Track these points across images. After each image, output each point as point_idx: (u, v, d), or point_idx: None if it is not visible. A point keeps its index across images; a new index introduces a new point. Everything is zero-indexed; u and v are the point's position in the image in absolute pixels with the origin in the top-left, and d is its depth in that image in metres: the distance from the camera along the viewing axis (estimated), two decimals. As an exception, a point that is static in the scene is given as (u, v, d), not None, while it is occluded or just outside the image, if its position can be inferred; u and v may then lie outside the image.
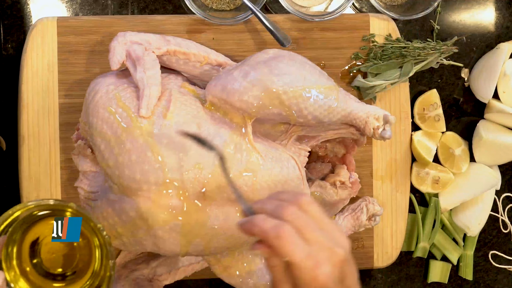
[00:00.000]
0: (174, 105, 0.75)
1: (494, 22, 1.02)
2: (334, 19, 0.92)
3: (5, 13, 0.91)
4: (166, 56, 0.81)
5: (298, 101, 0.75)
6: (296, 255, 0.55)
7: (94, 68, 0.89)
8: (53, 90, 0.88)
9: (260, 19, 0.88)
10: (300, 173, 0.80)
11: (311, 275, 0.55)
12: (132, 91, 0.77)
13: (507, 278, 1.04)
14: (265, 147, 0.78)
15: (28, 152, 0.88)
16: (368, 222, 0.90)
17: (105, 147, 0.75)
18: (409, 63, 0.92)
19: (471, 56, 1.01)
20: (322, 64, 0.94)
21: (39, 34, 0.87)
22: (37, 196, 0.87)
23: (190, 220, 0.74)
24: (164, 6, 0.94)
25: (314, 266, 0.55)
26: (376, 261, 0.96)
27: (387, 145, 0.96)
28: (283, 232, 0.55)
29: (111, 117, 0.75)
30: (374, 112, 0.81)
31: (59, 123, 0.88)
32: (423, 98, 0.98)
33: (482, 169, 0.99)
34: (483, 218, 1.00)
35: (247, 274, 0.82)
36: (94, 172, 0.82)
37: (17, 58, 0.89)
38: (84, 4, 0.93)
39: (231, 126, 0.77)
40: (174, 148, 0.73)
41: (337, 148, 0.91)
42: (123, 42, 0.79)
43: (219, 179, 0.74)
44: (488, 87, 0.97)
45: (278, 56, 0.78)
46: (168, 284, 0.88)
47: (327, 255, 0.56)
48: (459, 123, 1.02)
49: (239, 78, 0.76)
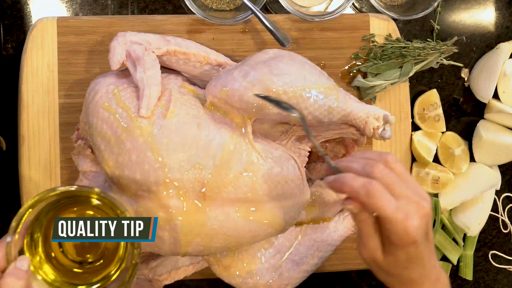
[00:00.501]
0: (174, 105, 0.75)
1: (494, 22, 1.02)
2: (334, 19, 0.92)
3: (5, 13, 0.91)
4: (166, 56, 0.81)
5: (298, 101, 0.75)
6: (387, 210, 0.59)
7: (94, 68, 0.89)
8: (53, 90, 0.88)
9: (260, 19, 0.88)
10: (300, 173, 0.80)
11: (402, 227, 0.59)
12: (132, 91, 0.77)
13: (507, 278, 1.04)
14: (265, 147, 0.78)
15: (28, 152, 0.88)
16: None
17: (105, 147, 0.75)
18: (409, 63, 0.92)
19: (471, 56, 1.01)
20: (322, 64, 0.94)
21: (39, 34, 0.87)
22: (37, 196, 0.87)
23: (190, 220, 0.74)
24: (164, 6, 0.94)
25: (404, 218, 0.59)
26: (376, 261, 0.96)
27: (387, 145, 0.96)
28: (373, 188, 0.59)
29: (111, 117, 0.75)
30: (374, 112, 0.81)
31: (59, 123, 0.88)
32: (423, 98, 0.99)
33: (482, 169, 0.99)
34: (483, 218, 1.00)
35: (247, 274, 0.82)
36: (94, 172, 0.82)
37: (17, 58, 0.89)
38: (84, 4, 0.93)
39: (231, 126, 0.77)
40: (174, 148, 0.73)
41: (337, 148, 0.91)
42: (123, 42, 0.79)
43: (219, 179, 0.74)
44: (488, 87, 0.97)
45: (278, 56, 0.78)
46: (168, 284, 0.88)
47: (415, 208, 0.60)
48: (459, 123, 1.02)
49: (239, 78, 0.76)
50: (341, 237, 0.89)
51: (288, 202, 0.79)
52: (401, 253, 0.61)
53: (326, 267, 0.95)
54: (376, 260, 0.63)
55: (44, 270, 0.67)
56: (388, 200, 0.59)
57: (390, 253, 0.62)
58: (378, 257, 0.63)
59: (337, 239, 0.88)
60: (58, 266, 0.69)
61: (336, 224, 0.89)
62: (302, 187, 0.80)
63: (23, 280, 0.60)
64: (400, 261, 0.62)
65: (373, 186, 0.59)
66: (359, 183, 0.60)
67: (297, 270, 0.84)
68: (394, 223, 0.59)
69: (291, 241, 0.84)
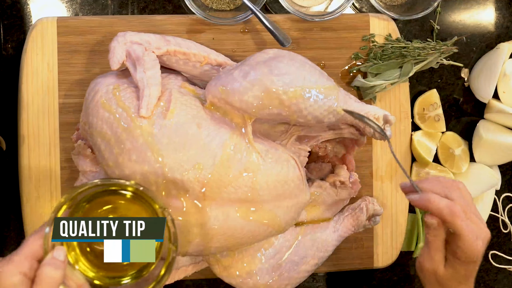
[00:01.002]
0: (174, 105, 0.75)
1: (494, 22, 1.02)
2: (334, 19, 0.92)
3: (5, 13, 0.91)
4: (166, 56, 0.81)
5: (298, 101, 0.75)
6: (465, 229, 0.69)
7: (94, 68, 0.89)
8: (53, 90, 0.88)
9: (260, 19, 0.88)
10: (300, 173, 0.80)
11: (471, 246, 0.69)
12: (132, 91, 0.77)
13: (507, 278, 1.05)
14: (265, 147, 0.78)
15: (28, 152, 0.88)
16: (368, 222, 0.90)
17: (105, 147, 0.75)
18: (409, 63, 0.92)
19: (471, 56, 1.01)
20: (322, 64, 0.94)
21: (39, 34, 0.87)
22: (37, 196, 0.88)
23: (190, 220, 0.74)
24: (164, 6, 0.94)
25: (475, 239, 0.69)
26: (376, 261, 0.96)
27: (387, 145, 0.96)
28: (456, 209, 0.69)
29: (111, 117, 0.75)
30: (374, 112, 0.81)
31: (59, 123, 0.88)
32: (423, 98, 0.98)
33: (482, 169, 0.99)
34: (483, 218, 1.00)
35: (247, 274, 0.82)
36: (94, 172, 0.81)
37: (17, 58, 0.89)
38: (84, 4, 0.93)
39: (231, 126, 0.77)
40: (174, 148, 0.73)
41: (337, 148, 0.91)
42: (123, 42, 0.79)
43: (219, 179, 0.74)
44: (488, 87, 0.97)
45: (278, 56, 0.78)
46: (168, 284, 0.88)
47: (482, 233, 0.71)
48: (459, 123, 1.02)
49: (239, 78, 0.76)
50: (341, 237, 0.89)
51: (288, 202, 0.79)
52: (462, 269, 0.71)
53: (326, 267, 0.95)
54: (437, 272, 0.73)
55: (79, 265, 0.67)
56: (465, 221, 0.69)
57: (452, 268, 0.72)
58: (440, 270, 0.73)
59: (337, 239, 0.88)
60: (93, 260, 0.69)
61: (336, 224, 0.89)
62: (302, 187, 0.80)
63: (60, 269, 0.61)
64: (458, 275, 0.72)
65: (456, 207, 0.69)
66: (444, 203, 0.70)
67: (297, 270, 0.84)
68: (466, 241, 0.69)
69: (291, 241, 0.84)
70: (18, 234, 0.91)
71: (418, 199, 0.72)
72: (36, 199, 0.87)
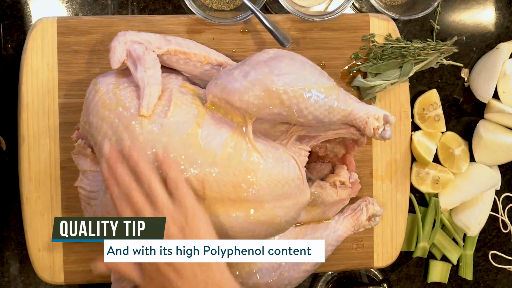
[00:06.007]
0: (174, 104, 0.75)
1: (494, 22, 1.02)
2: (334, 19, 0.92)
3: (5, 13, 0.91)
4: (167, 56, 0.81)
5: (298, 101, 0.75)
6: None
7: (94, 68, 0.89)
8: (53, 90, 0.88)
9: (260, 19, 0.88)
10: (300, 173, 0.80)
11: None
12: (132, 90, 0.77)
13: (507, 278, 1.05)
14: (266, 147, 0.78)
15: (28, 152, 0.88)
16: (368, 222, 0.90)
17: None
18: (409, 63, 0.92)
19: (471, 56, 1.02)
20: (322, 64, 0.94)
21: (39, 34, 0.87)
22: (37, 196, 0.87)
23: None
24: (164, 6, 0.94)
25: None
26: (376, 261, 0.96)
27: (387, 145, 0.96)
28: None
29: (111, 116, 0.75)
30: (374, 112, 0.81)
31: (59, 123, 0.88)
32: (423, 98, 0.99)
33: (482, 169, 0.99)
34: (483, 218, 1.00)
35: (247, 274, 0.82)
36: (94, 172, 0.81)
37: (17, 58, 0.89)
38: (84, 4, 0.93)
39: (231, 126, 0.77)
40: (174, 148, 0.73)
41: (337, 148, 0.91)
42: (124, 41, 0.79)
43: (219, 178, 0.74)
44: (488, 87, 0.97)
45: (278, 56, 0.78)
46: (168, 284, 0.88)
47: None
48: (459, 123, 1.02)
49: (239, 77, 0.76)
50: (341, 237, 0.89)
51: (288, 202, 0.79)
52: None
53: (326, 267, 0.95)
54: None
55: None
56: None
57: None
58: None
59: (337, 239, 0.88)
60: None
61: (336, 224, 0.89)
62: (302, 187, 0.80)
63: None
64: None
65: None
66: None
67: (297, 270, 0.84)
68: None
69: (291, 241, 0.84)
70: (18, 234, 0.91)
71: None
72: (36, 199, 0.87)
